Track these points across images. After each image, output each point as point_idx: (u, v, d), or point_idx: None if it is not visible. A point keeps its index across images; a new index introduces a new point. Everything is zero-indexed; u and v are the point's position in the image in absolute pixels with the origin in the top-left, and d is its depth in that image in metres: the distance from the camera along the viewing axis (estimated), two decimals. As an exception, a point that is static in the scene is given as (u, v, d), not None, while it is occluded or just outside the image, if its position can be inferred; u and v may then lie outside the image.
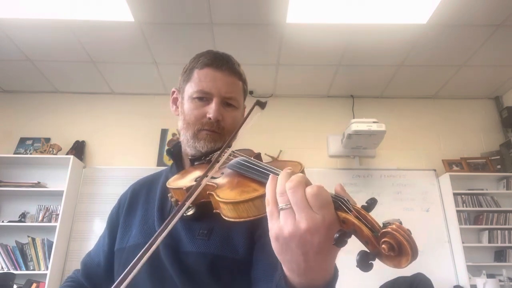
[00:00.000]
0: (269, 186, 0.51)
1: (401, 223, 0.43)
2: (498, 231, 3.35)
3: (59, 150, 3.61)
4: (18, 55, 3.33)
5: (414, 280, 2.90)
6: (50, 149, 3.59)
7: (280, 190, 0.49)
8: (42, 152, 3.58)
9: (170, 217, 0.59)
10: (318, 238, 0.45)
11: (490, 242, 3.34)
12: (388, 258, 0.41)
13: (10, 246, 3.26)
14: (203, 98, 0.86)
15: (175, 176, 0.82)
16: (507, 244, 3.30)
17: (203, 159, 0.85)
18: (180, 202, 0.73)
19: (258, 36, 3.08)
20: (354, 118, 3.50)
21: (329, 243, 0.45)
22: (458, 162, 3.67)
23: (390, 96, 4.04)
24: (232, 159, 0.73)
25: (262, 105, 0.81)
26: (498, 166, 3.61)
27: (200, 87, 0.86)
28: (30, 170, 3.57)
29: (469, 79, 3.72)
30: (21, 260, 3.22)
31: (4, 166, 3.57)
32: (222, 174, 0.72)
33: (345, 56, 3.35)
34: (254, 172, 0.63)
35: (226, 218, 0.60)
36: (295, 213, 0.47)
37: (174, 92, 0.98)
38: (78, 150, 3.68)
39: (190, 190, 0.67)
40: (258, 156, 0.85)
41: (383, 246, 0.41)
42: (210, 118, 0.84)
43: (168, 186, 0.77)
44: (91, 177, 3.60)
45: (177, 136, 3.76)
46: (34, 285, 3.05)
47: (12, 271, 3.05)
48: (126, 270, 0.54)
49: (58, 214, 3.27)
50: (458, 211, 3.36)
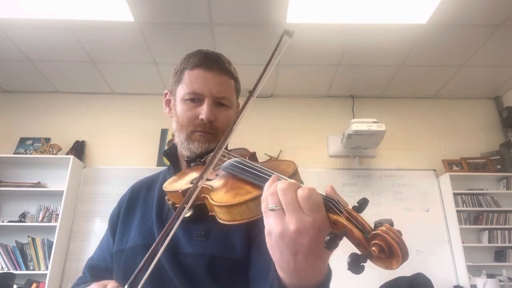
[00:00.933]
0: (266, 185, 0.52)
1: (392, 224, 0.43)
2: (498, 231, 3.35)
3: (59, 150, 3.61)
4: (18, 55, 3.33)
5: (414, 280, 2.90)
6: (50, 149, 3.59)
7: (270, 190, 0.49)
8: (42, 152, 3.58)
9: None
10: (308, 239, 0.45)
11: (490, 242, 3.34)
12: (379, 260, 0.41)
13: (10, 246, 3.26)
14: (195, 99, 0.85)
15: (172, 178, 0.82)
16: (507, 244, 3.30)
17: (199, 161, 0.85)
18: (177, 205, 0.73)
19: (258, 36, 3.08)
20: (354, 118, 3.50)
21: (320, 245, 0.44)
22: (458, 162, 3.67)
23: (390, 96, 4.04)
24: (226, 160, 0.73)
25: (290, 33, 0.78)
26: (498, 166, 3.61)
27: (191, 89, 0.85)
28: (30, 170, 3.57)
29: (469, 79, 3.72)
30: (21, 260, 3.22)
31: (4, 166, 3.57)
32: (217, 176, 0.71)
33: (345, 56, 3.35)
34: (247, 174, 0.63)
35: (221, 221, 0.59)
36: (285, 214, 0.47)
37: (166, 94, 0.97)
38: (78, 150, 3.68)
39: (186, 193, 0.67)
40: (253, 155, 0.84)
41: (373, 248, 0.41)
42: (202, 119, 0.83)
43: (164, 189, 0.77)
44: (91, 177, 3.59)
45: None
46: (34, 285, 3.05)
47: (12, 271, 3.05)
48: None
49: (58, 214, 3.27)
50: (458, 211, 3.36)
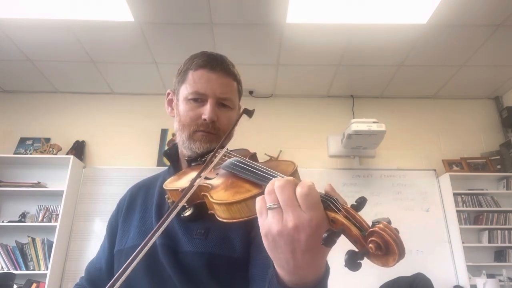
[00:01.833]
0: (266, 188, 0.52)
1: (389, 222, 0.43)
2: (498, 231, 3.35)
3: (59, 150, 3.61)
4: (18, 55, 3.33)
5: (414, 280, 2.90)
6: (50, 149, 3.59)
7: (268, 189, 0.49)
8: (42, 152, 3.58)
9: (164, 217, 0.59)
10: (306, 236, 0.46)
11: (490, 242, 3.34)
12: (375, 257, 0.42)
13: (10, 246, 3.26)
14: (198, 99, 0.86)
15: (172, 177, 0.83)
16: (507, 244, 3.30)
17: (199, 160, 0.85)
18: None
19: (258, 36, 3.08)
20: (354, 118, 3.50)
21: (317, 242, 0.45)
22: (458, 162, 3.67)
23: (390, 96, 4.04)
24: (227, 160, 0.73)
25: (249, 113, 0.82)
26: (498, 166, 3.61)
27: (195, 89, 0.86)
28: (30, 170, 3.57)
29: (469, 79, 3.72)
30: (21, 260, 3.22)
31: (4, 166, 3.57)
32: (217, 175, 0.72)
33: (345, 56, 3.35)
34: (247, 172, 0.63)
35: (220, 219, 0.60)
36: (283, 211, 0.47)
37: (169, 93, 0.98)
38: (78, 150, 3.68)
39: (190, 190, 0.67)
40: (253, 156, 0.84)
41: (370, 245, 0.41)
42: (205, 119, 0.84)
43: (165, 187, 0.78)
44: (91, 177, 3.59)
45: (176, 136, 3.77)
46: (34, 285, 3.05)
47: (12, 271, 3.05)
48: (121, 270, 0.55)
49: (58, 214, 3.27)
50: (458, 211, 3.36)
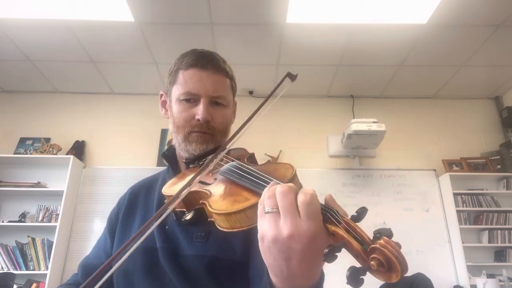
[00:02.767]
0: (265, 190, 0.51)
1: (391, 235, 0.42)
2: (498, 231, 3.35)
3: (59, 150, 3.61)
4: (18, 55, 3.33)
5: (414, 280, 2.90)
6: (50, 149, 3.58)
7: (269, 193, 0.48)
8: (42, 152, 3.58)
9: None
10: (301, 246, 0.44)
11: (490, 242, 3.34)
12: (378, 273, 0.41)
13: (10, 246, 3.26)
14: (191, 99, 0.84)
15: (170, 181, 0.81)
16: (507, 244, 3.30)
17: (197, 163, 0.84)
18: (177, 209, 0.73)
19: (258, 36, 3.08)
20: (354, 118, 3.50)
21: (313, 253, 0.44)
22: (458, 162, 3.67)
23: (390, 96, 4.04)
24: (225, 164, 0.72)
25: (292, 77, 0.77)
26: (498, 166, 3.61)
27: (186, 89, 0.84)
28: (30, 170, 3.57)
29: (469, 79, 3.71)
30: (21, 260, 3.22)
31: (4, 166, 3.57)
32: (215, 180, 0.70)
33: (345, 56, 3.35)
34: (245, 180, 0.62)
35: (220, 228, 0.59)
36: (281, 217, 0.46)
37: (162, 95, 0.95)
38: (78, 150, 3.68)
39: (183, 196, 0.66)
40: (252, 156, 0.83)
41: (372, 262, 0.41)
42: (199, 120, 0.82)
43: (163, 193, 0.77)
44: (91, 177, 3.59)
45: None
46: (34, 285, 3.05)
47: (12, 271, 3.05)
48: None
49: (58, 214, 3.27)
50: (458, 211, 3.36)
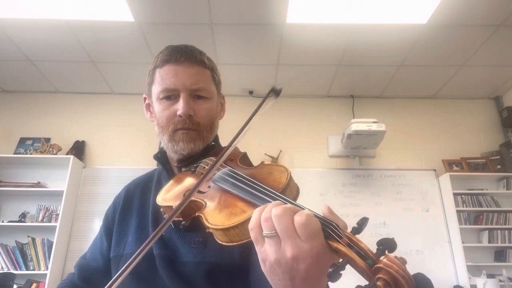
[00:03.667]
0: (256, 212, 0.50)
1: (394, 245, 0.42)
2: (498, 231, 3.35)
3: (59, 150, 3.61)
4: (18, 55, 3.33)
5: (414, 280, 2.90)
6: (50, 149, 3.58)
7: (264, 216, 0.47)
8: (42, 152, 3.58)
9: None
10: (305, 266, 0.44)
11: (490, 242, 3.34)
12: None
13: (10, 246, 3.26)
14: (170, 96, 0.81)
15: (164, 189, 0.78)
16: (507, 244, 3.30)
17: (189, 168, 0.81)
18: (175, 219, 0.70)
19: (258, 36, 3.08)
20: (354, 118, 3.50)
21: (318, 271, 0.44)
22: (458, 162, 3.67)
23: (390, 96, 4.04)
24: (218, 170, 0.70)
25: (277, 92, 0.73)
26: (498, 166, 3.61)
27: (164, 86, 0.81)
28: (30, 170, 3.57)
29: (469, 79, 3.71)
30: (21, 260, 3.22)
31: (4, 166, 3.57)
32: (209, 188, 0.68)
33: (345, 56, 3.35)
34: (239, 190, 0.60)
35: (220, 242, 0.58)
36: (281, 241, 0.45)
37: (145, 98, 0.91)
38: (78, 150, 3.68)
39: (179, 209, 0.66)
40: (244, 156, 0.80)
41: (379, 283, 0.40)
42: (180, 116, 0.79)
43: (158, 203, 0.75)
44: (91, 177, 3.60)
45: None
46: (34, 285, 3.05)
47: (12, 271, 3.05)
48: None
49: (58, 214, 3.27)
50: (458, 211, 3.36)
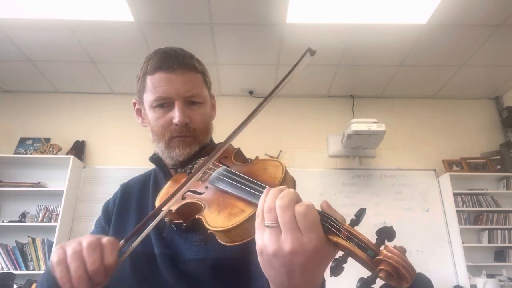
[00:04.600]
0: (262, 199, 0.49)
1: (393, 234, 0.43)
2: (498, 231, 3.35)
3: (59, 150, 3.61)
4: (18, 55, 3.33)
5: (414, 280, 2.90)
6: (50, 149, 3.58)
7: (268, 206, 0.47)
8: (42, 152, 3.58)
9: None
10: (303, 260, 0.44)
11: (490, 242, 3.34)
12: (388, 281, 0.42)
13: (10, 246, 3.26)
14: (164, 104, 0.80)
15: (162, 192, 0.78)
16: (507, 244, 3.30)
17: (184, 170, 0.81)
18: (175, 220, 0.71)
19: (258, 36, 3.08)
20: (354, 118, 3.50)
21: (316, 265, 0.44)
22: (458, 162, 3.67)
23: (390, 96, 4.04)
24: (214, 169, 0.69)
25: (312, 52, 0.73)
26: (498, 166, 3.61)
27: (157, 94, 0.79)
28: (30, 170, 3.57)
29: (469, 79, 3.71)
30: (21, 260, 3.22)
31: (4, 166, 3.57)
32: (206, 188, 0.68)
33: (345, 56, 3.35)
34: (237, 190, 0.60)
35: (222, 243, 0.58)
36: (282, 232, 0.45)
37: (135, 103, 0.90)
38: (78, 150, 3.68)
39: (180, 211, 0.66)
40: (238, 152, 0.80)
41: (381, 274, 0.41)
42: (177, 124, 0.79)
43: (157, 206, 0.75)
44: (91, 177, 3.60)
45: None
46: (34, 285, 3.04)
47: (12, 271, 3.05)
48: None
49: (58, 214, 3.27)
50: (458, 211, 3.36)
